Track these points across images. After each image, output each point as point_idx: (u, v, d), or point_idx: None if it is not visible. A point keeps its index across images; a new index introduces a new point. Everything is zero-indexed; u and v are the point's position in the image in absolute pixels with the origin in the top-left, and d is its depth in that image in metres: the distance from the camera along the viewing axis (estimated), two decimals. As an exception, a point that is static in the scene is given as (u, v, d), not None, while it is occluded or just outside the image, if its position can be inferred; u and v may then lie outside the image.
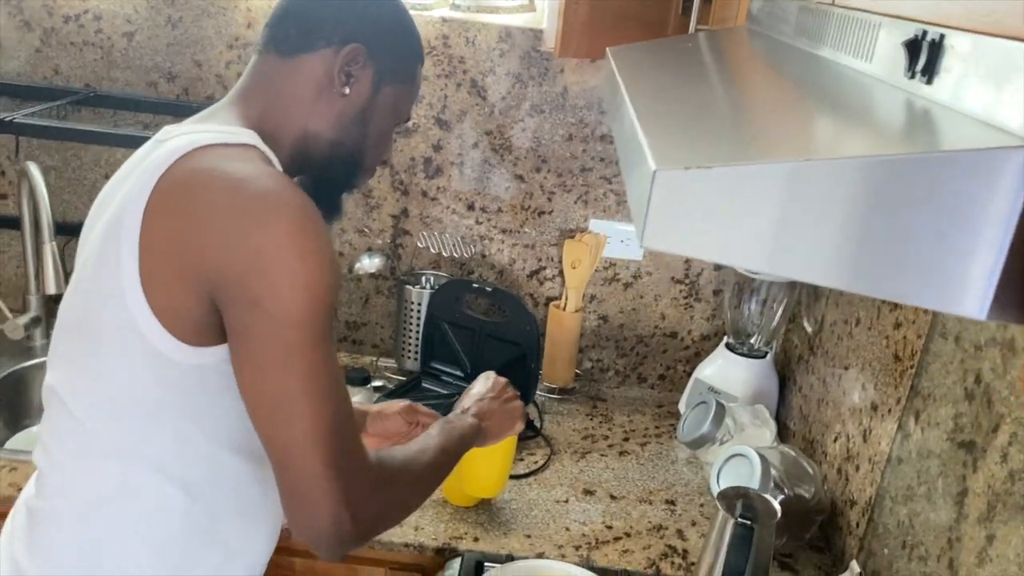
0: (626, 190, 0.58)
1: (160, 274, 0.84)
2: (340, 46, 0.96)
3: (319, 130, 0.98)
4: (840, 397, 1.44)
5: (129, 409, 0.89)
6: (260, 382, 0.83)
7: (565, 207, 1.76)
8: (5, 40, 1.70)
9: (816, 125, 0.58)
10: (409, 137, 1.73)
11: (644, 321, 1.83)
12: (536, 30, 1.66)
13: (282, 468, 0.84)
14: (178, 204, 0.84)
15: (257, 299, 0.81)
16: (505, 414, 1.21)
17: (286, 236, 0.81)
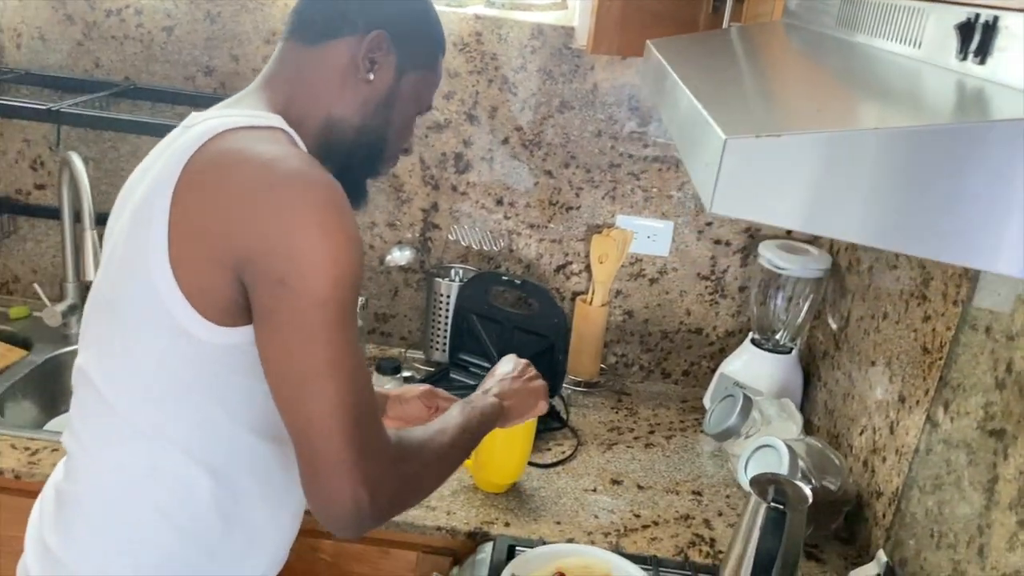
0: (686, 164, 0.61)
1: (189, 253, 0.85)
2: (364, 33, 0.97)
3: (344, 116, 0.99)
4: (866, 391, 1.46)
5: (157, 390, 0.91)
6: (284, 360, 0.84)
7: (593, 203, 1.79)
8: (48, 34, 1.74)
9: (870, 102, 0.60)
10: (440, 132, 1.76)
11: (669, 317, 1.85)
12: (568, 27, 1.68)
13: (302, 446, 0.85)
14: (207, 184, 0.85)
15: (283, 277, 0.82)
16: (528, 393, 1.21)
17: (314, 216, 0.82)
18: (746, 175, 0.49)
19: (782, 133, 0.48)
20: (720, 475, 1.57)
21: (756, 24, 1.20)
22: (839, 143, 0.47)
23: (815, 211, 0.49)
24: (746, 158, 0.49)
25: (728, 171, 0.49)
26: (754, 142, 0.48)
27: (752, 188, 0.49)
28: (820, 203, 0.49)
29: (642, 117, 1.73)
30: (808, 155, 0.48)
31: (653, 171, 1.76)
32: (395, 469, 0.88)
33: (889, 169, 0.47)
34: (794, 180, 0.48)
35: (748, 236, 1.78)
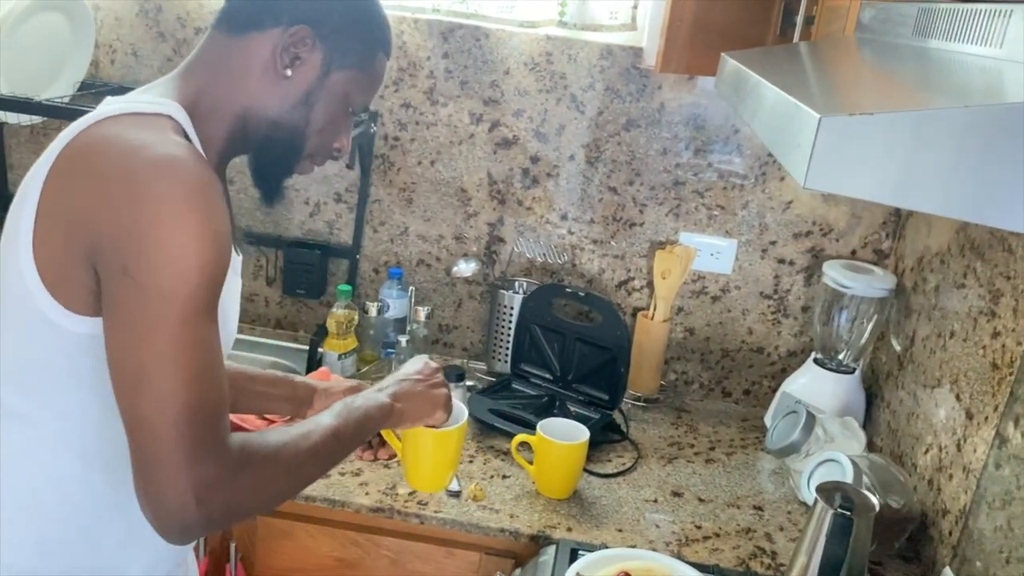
0: (775, 152, 0.64)
1: (50, 241, 0.84)
2: (288, 26, 0.94)
3: (259, 110, 0.95)
4: (931, 409, 1.45)
5: (28, 378, 0.90)
6: (121, 353, 0.81)
7: (656, 219, 1.81)
8: (140, 50, 1.84)
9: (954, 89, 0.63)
10: (508, 149, 1.81)
11: (731, 335, 1.86)
12: (636, 48, 1.73)
13: (133, 443, 0.82)
14: (72, 171, 0.84)
15: (128, 267, 0.79)
16: (427, 399, 1.12)
17: (169, 206, 0.79)
18: (838, 151, 0.52)
19: (874, 112, 0.51)
20: (781, 492, 1.56)
21: (827, 39, 1.23)
22: (928, 121, 0.50)
23: (903, 185, 0.52)
24: (839, 135, 0.51)
25: (822, 148, 0.52)
26: (847, 120, 0.51)
27: (844, 164, 0.52)
28: (908, 178, 0.51)
29: (707, 137, 1.76)
30: (898, 132, 0.51)
31: (718, 189, 1.78)
32: (232, 478, 0.82)
33: (974, 144, 0.50)
34: (884, 156, 0.51)
35: (812, 256, 1.79)
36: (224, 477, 0.81)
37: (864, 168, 0.52)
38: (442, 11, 1.71)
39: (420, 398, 1.11)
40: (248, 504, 0.86)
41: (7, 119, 1.70)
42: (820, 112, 0.52)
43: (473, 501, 1.41)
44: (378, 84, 1.04)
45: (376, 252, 1.91)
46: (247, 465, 0.84)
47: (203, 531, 0.83)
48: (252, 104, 0.95)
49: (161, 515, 0.80)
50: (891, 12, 0.99)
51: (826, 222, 1.77)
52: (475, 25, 1.74)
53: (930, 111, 0.50)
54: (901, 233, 1.74)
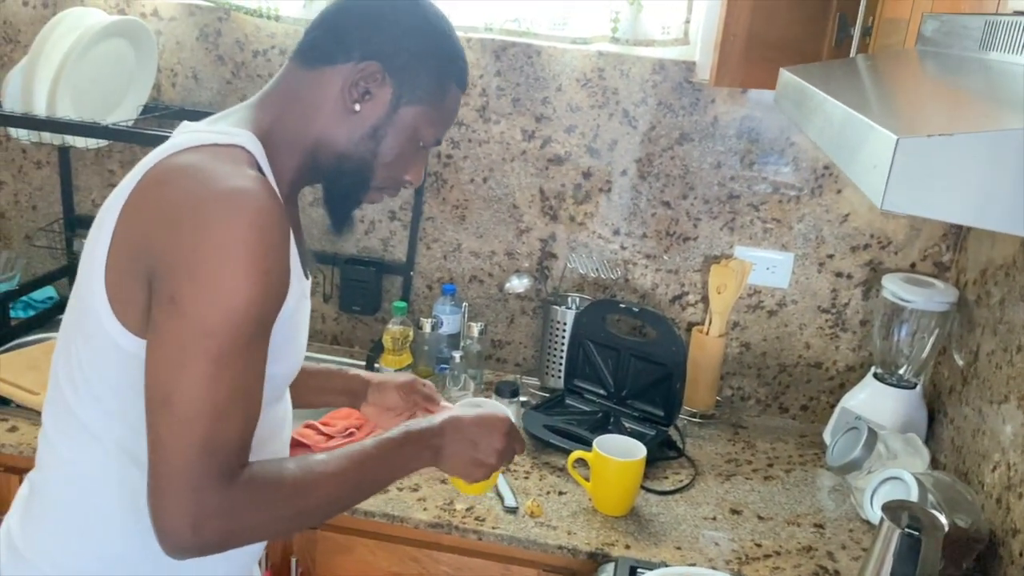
0: (845, 170, 0.63)
1: (119, 264, 0.87)
2: (358, 61, 0.96)
3: (328, 142, 0.98)
4: (998, 426, 1.42)
5: (101, 392, 0.92)
6: (154, 375, 0.84)
7: (711, 233, 1.80)
8: (200, 73, 1.89)
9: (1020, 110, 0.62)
10: (560, 165, 1.82)
11: (788, 350, 1.84)
12: (689, 62, 1.72)
13: (149, 459, 0.84)
14: (145, 199, 0.87)
15: (175, 296, 0.81)
16: (477, 465, 1.06)
17: (225, 242, 0.81)
18: (917, 173, 0.51)
19: (953, 132, 0.50)
20: (842, 510, 1.54)
21: (887, 52, 1.22)
22: (1008, 140, 0.50)
23: (984, 205, 0.51)
24: (917, 157, 0.51)
25: (899, 169, 0.51)
26: (925, 141, 0.50)
27: (923, 185, 0.51)
28: (989, 198, 0.51)
29: (761, 150, 1.74)
30: (978, 152, 0.50)
31: (772, 203, 1.77)
32: (233, 511, 0.85)
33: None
34: (964, 176, 0.51)
35: (870, 269, 1.77)
36: (224, 509, 0.84)
37: (943, 189, 0.51)
38: (495, 29, 1.73)
39: (472, 463, 1.05)
40: (247, 537, 0.88)
41: (75, 143, 1.75)
42: (897, 133, 0.52)
43: (530, 517, 1.41)
44: (451, 118, 1.05)
45: (429, 269, 1.93)
46: (253, 502, 0.86)
47: (197, 554, 0.85)
48: (322, 137, 0.98)
49: (158, 531, 0.84)
50: (955, 24, 0.98)
51: (884, 235, 1.75)
52: (527, 43, 1.75)
53: (1010, 131, 0.50)
54: (962, 245, 1.70)
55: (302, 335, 1.06)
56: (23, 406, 1.58)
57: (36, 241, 2.01)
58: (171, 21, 1.87)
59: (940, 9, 1.04)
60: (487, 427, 1.05)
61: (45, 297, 2.01)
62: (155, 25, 1.86)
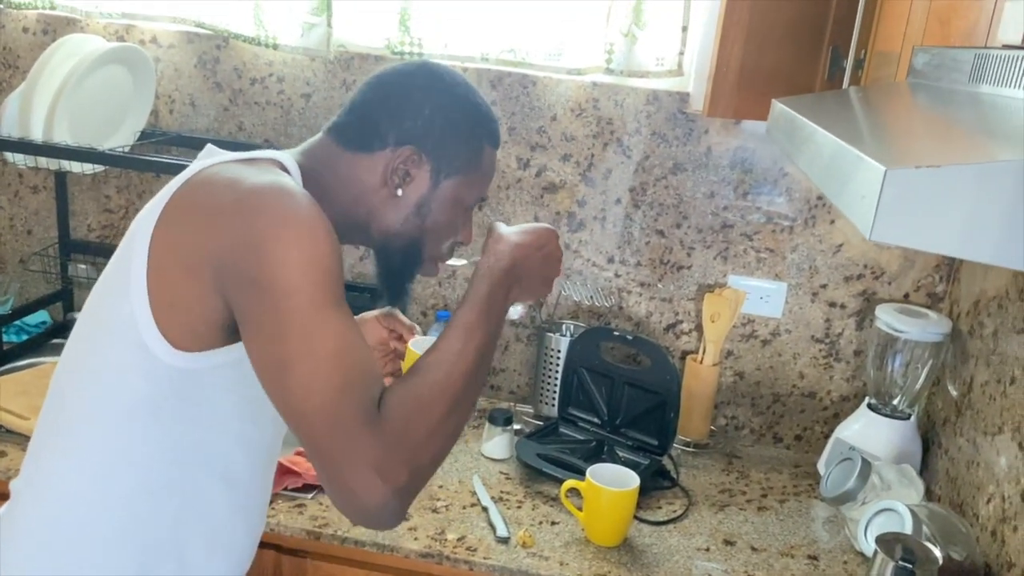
0: (834, 201, 0.64)
1: (164, 268, 0.88)
2: (395, 148, 1.00)
3: (374, 221, 1.03)
4: (993, 458, 1.41)
5: (109, 407, 0.93)
6: (263, 356, 0.85)
7: (704, 262, 1.81)
8: (198, 100, 1.90)
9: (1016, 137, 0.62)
10: (555, 193, 1.82)
11: (782, 379, 1.84)
12: (683, 93, 1.74)
13: (303, 443, 0.85)
14: (186, 203, 0.90)
15: (255, 277, 0.84)
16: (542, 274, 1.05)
17: (280, 216, 0.85)
18: (905, 204, 0.52)
19: (941, 164, 0.50)
20: (836, 541, 1.53)
21: (878, 84, 1.23)
22: (996, 172, 0.50)
23: (972, 237, 0.51)
24: (905, 188, 0.51)
25: (888, 201, 0.52)
26: (913, 172, 0.51)
27: (911, 216, 0.52)
28: (977, 230, 0.51)
29: (754, 179, 1.75)
30: (966, 184, 0.50)
31: (766, 232, 1.77)
32: (401, 443, 0.83)
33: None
34: (952, 208, 0.51)
35: (864, 299, 1.77)
36: (393, 447, 0.82)
37: (932, 220, 0.51)
38: (491, 60, 1.74)
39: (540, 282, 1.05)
40: (429, 455, 0.86)
41: (71, 168, 1.76)
42: (885, 164, 0.52)
43: (522, 548, 1.40)
44: (490, 177, 1.08)
45: (424, 295, 1.93)
46: (412, 420, 0.85)
47: (404, 502, 0.83)
48: (366, 215, 1.02)
49: (358, 510, 0.82)
50: (945, 57, 0.99)
51: (878, 265, 1.75)
52: (523, 73, 1.77)
53: (998, 163, 0.50)
54: (955, 277, 1.71)
55: None
56: (13, 431, 1.57)
57: (30, 265, 2.00)
58: (170, 48, 1.88)
59: (930, 42, 1.06)
60: (545, 241, 1.04)
61: (38, 322, 2.01)
62: (154, 52, 1.88)
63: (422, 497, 1.05)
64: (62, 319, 2.02)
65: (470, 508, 1.49)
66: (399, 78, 1.04)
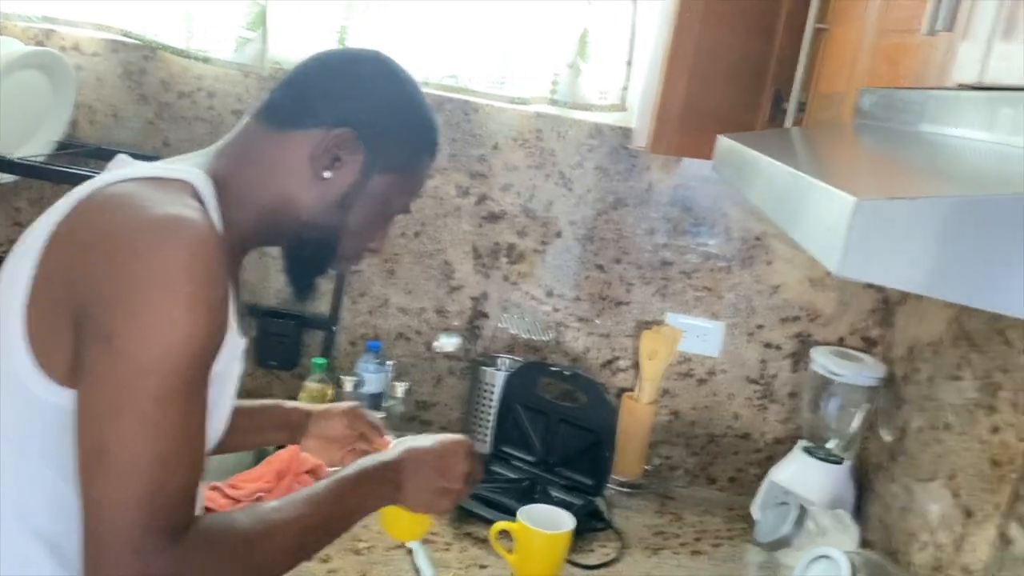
0: (791, 234, 0.60)
1: (41, 302, 0.80)
2: (330, 127, 0.92)
3: (292, 208, 0.93)
4: (927, 505, 1.40)
5: (5, 448, 0.84)
6: (88, 425, 0.76)
7: (643, 299, 1.78)
8: (122, 111, 1.81)
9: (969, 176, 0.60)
10: (495, 223, 1.78)
11: (717, 420, 1.82)
12: (626, 128, 1.72)
13: (85, 526, 0.76)
14: (74, 230, 0.81)
15: (112, 334, 0.74)
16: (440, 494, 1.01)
17: (162, 271, 0.75)
18: (876, 238, 0.48)
19: (916, 196, 0.47)
20: (771, 587, 1.50)
21: (821, 125, 1.22)
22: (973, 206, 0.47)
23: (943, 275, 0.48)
24: (877, 220, 0.48)
25: (858, 234, 0.48)
26: (887, 204, 0.48)
27: (881, 251, 0.48)
28: (950, 267, 0.48)
29: (695, 218, 1.74)
30: (941, 218, 0.47)
31: (704, 271, 1.76)
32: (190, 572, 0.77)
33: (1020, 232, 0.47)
34: (925, 243, 0.48)
35: (799, 341, 1.76)
36: (174, 573, 0.75)
37: (903, 256, 0.48)
38: (432, 84, 1.70)
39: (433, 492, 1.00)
40: None
41: (-22, 177, 1.64)
42: (856, 195, 0.48)
43: (449, 593, 1.33)
44: (421, 186, 1.02)
45: (354, 324, 1.86)
46: (204, 561, 0.78)
47: None
48: (285, 202, 0.93)
49: None
50: (893, 98, 0.98)
51: (813, 308, 1.75)
52: (464, 99, 1.73)
53: (977, 196, 0.47)
54: (890, 321, 1.72)
55: (228, 400, 0.98)
56: None
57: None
58: (93, 56, 1.79)
59: (878, 83, 1.05)
60: (449, 452, 1.01)
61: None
62: (76, 60, 1.78)
63: (344, 538, 0.97)
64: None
65: (394, 550, 1.41)
66: (347, 60, 0.97)
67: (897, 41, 0.99)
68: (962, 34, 0.78)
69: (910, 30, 0.96)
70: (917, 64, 0.90)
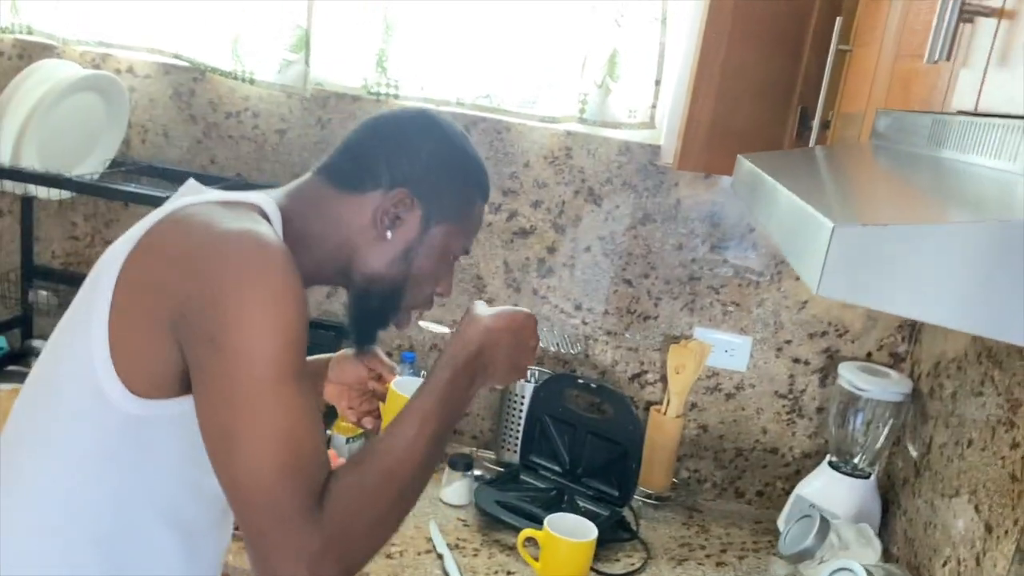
0: (789, 258, 0.64)
1: (129, 319, 0.85)
2: (388, 190, 0.99)
3: (357, 265, 1.00)
4: (949, 520, 1.41)
5: (59, 456, 0.89)
6: (212, 420, 0.82)
7: (671, 313, 1.81)
8: (172, 131, 1.90)
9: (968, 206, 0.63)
10: (526, 238, 1.83)
11: (745, 434, 1.84)
12: (654, 145, 1.76)
13: (236, 516, 0.82)
14: (154, 245, 0.87)
15: (213, 335, 0.80)
16: (517, 369, 1.00)
17: (248, 272, 0.82)
18: (852, 261, 0.52)
19: (888, 223, 0.51)
20: (794, 600, 1.51)
21: (842, 144, 1.25)
22: (942, 234, 0.50)
23: (916, 297, 0.52)
24: (852, 245, 0.52)
25: (835, 257, 0.52)
26: (861, 230, 0.51)
27: (857, 274, 0.52)
28: (921, 290, 0.51)
29: (722, 234, 1.77)
30: (912, 244, 0.51)
31: (733, 286, 1.78)
32: (340, 538, 0.81)
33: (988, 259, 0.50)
34: (898, 267, 0.51)
35: (827, 356, 1.78)
36: (330, 541, 0.80)
37: (877, 278, 0.52)
38: (466, 104, 1.76)
39: (508, 369, 0.99)
40: (367, 549, 0.84)
41: (38, 193, 1.74)
42: (834, 221, 0.52)
43: (476, 597, 1.37)
44: (477, 229, 1.08)
45: (390, 336, 1.91)
46: (352, 511, 0.82)
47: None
48: (350, 259, 1.00)
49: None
50: (905, 121, 1.01)
51: (841, 323, 1.77)
52: (497, 119, 1.78)
53: (945, 225, 0.51)
54: (917, 337, 1.73)
55: None
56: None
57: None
58: (146, 79, 1.88)
59: (893, 105, 1.08)
60: (521, 328, 0.99)
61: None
62: (129, 81, 1.87)
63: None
64: (19, 346, 1.98)
65: (425, 555, 1.46)
66: (398, 122, 1.04)
67: (909, 66, 1.02)
68: (962, 62, 0.81)
69: (920, 55, 0.99)
70: (925, 89, 0.93)
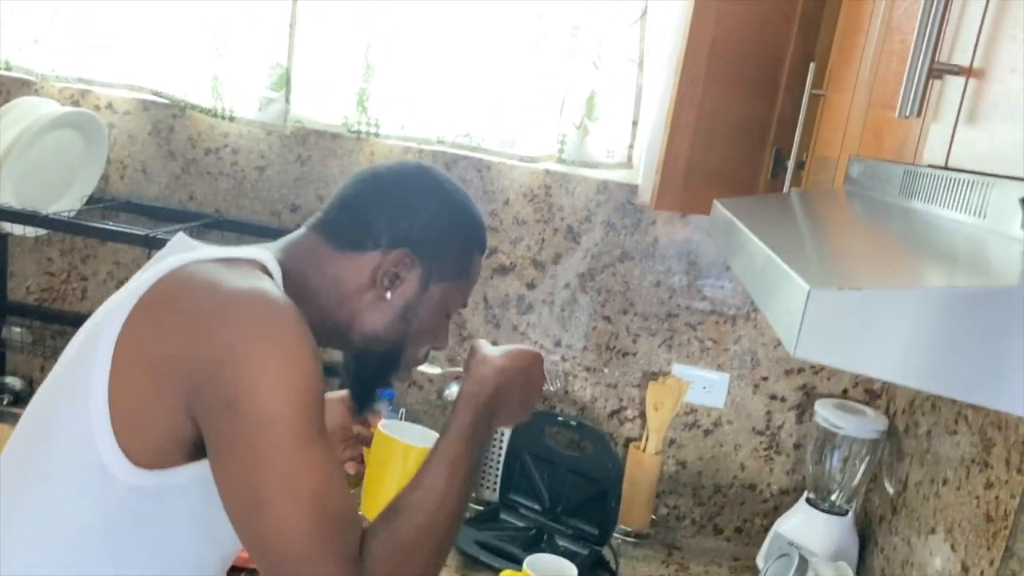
0: (764, 311, 0.65)
1: (129, 377, 0.83)
2: (387, 250, 0.97)
3: (355, 325, 0.98)
4: (926, 558, 1.42)
5: (56, 532, 0.86)
6: (236, 487, 0.80)
7: (649, 350, 1.83)
8: (150, 167, 1.89)
9: (941, 264, 0.65)
10: (505, 275, 1.84)
11: (723, 470, 1.84)
12: (632, 185, 1.78)
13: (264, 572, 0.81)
14: (157, 310, 0.84)
15: (231, 400, 0.78)
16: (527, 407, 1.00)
17: (260, 333, 0.80)
18: (828, 324, 0.53)
19: (863, 287, 0.52)
20: (774, 639, 1.51)
21: (817, 190, 1.27)
22: (917, 299, 0.52)
23: (892, 360, 0.53)
24: (828, 308, 0.53)
25: (811, 319, 0.53)
26: (836, 294, 0.52)
27: (833, 336, 0.53)
28: (897, 353, 0.52)
29: (699, 271, 1.79)
30: (887, 308, 0.52)
31: (710, 323, 1.80)
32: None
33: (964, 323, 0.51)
34: (873, 331, 0.52)
35: (804, 393, 1.80)
36: None
37: (853, 342, 0.53)
38: (446, 143, 1.77)
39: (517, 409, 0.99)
40: None
41: (13, 230, 1.72)
42: (810, 283, 0.53)
43: (455, 640, 1.36)
44: (475, 282, 1.06)
45: (369, 372, 1.91)
46: (389, 565, 0.81)
47: None
48: (348, 318, 0.98)
49: None
50: (878, 169, 1.03)
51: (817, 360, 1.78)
52: (478, 158, 1.80)
53: (919, 290, 0.52)
54: (892, 374, 1.75)
55: None
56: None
57: (-38, 326, 1.94)
58: (125, 115, 1.88)
59: (865, 153, 1.10)
60: (528, 368, 1.00)
61: (-35, 384, 1.94)
62: (108, 118, 1.87)
63: None
64: (-10, 383, 1.95)
65: (403, 596, 1.45)
66: (397, 178, 1.01)
67: (881, 115, 1.04)
68: (932, 118, 0.83)
69: (892, 106, 1.01)
70: (897, 141, 0.95)
